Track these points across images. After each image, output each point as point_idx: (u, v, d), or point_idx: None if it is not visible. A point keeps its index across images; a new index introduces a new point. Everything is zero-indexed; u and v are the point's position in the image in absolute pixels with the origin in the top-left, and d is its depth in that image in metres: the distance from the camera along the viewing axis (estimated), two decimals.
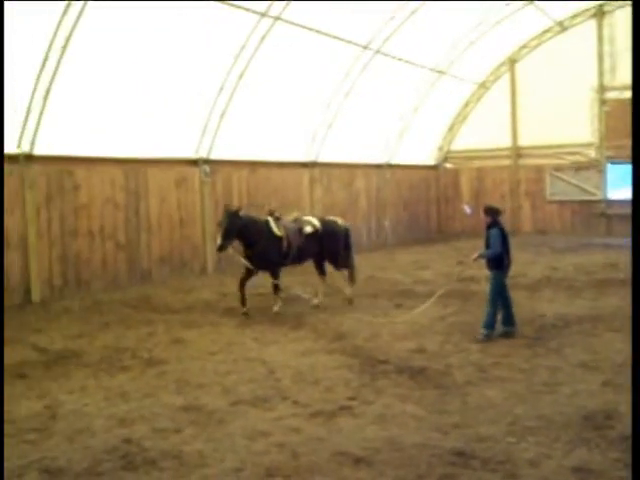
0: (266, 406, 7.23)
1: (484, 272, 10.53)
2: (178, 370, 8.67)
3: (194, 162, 17.32)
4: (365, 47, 19.95)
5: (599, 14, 24.28)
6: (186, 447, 6.10)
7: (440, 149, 27.45)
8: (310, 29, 17.70)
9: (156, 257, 16.44)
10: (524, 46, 25.52)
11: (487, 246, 9.93)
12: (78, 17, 12.73)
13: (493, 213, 10.11)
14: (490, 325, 9.88)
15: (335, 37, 18.68)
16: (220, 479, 5.47)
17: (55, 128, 13.78)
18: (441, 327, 10.79)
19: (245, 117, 17.82)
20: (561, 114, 24.33)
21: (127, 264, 15.78)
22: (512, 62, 25.94)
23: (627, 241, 20.58)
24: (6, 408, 7.26)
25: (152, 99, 15.38)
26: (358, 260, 14.51)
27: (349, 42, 19.34)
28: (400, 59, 21.53)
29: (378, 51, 20.33)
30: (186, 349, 9.85)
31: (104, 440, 6.33)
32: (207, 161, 17.50)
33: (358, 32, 19.27)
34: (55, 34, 12.80)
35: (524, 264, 16.62)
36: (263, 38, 16.55)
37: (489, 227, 9.97)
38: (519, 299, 12.70)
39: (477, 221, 19.30)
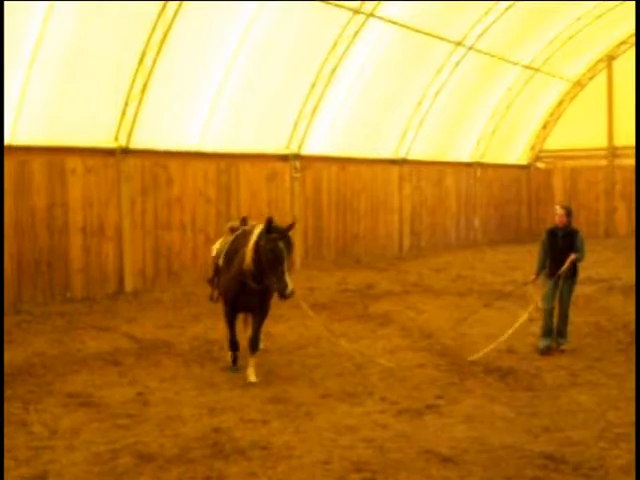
0: (354, 401, 7.26)
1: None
2: (267, 362, 8.79)
3: (285, 157, 17.49)
4: (458, 43, 19.70)
5: None
6: (274, 438, 6.18)
7: (532, 148, 26.87)
8: (402, 25, 17.62)
9: None
10: (623, 42, 24.66)
11: (568, 249, 9.21)
12: (174, 16, 13.08)
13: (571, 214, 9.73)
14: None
15: (428, 34, 18.53)
16: (308, 471, 5.52)
17: (152, 122, 14.17)
18: (531, 329, 10.57)
19: (336, 113, 17.90)
20: None
21: None
22: (610, 59, 25.12)
23: None
24: (100, 394, 7.54)
25: (245, 94, 15.62)
26: (448, 259, 14.17)
27: (442, 39, 19.14)
28: (493, 56, 21.18)
29: (471, 47, 20.05)
30: (275, 342, 9.97)
31: (194, 428, 6.47)
32: (298, 156, 17.65)
33: (451, 28, 19.05)
34: (153, 31, 13.16)
35: (619, 267, 16.11)
36: (355, 34, 16.57)
37: (567, 228, 9.44)
38: (614, 303, 12.35)
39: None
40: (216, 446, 6.03)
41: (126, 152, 14.06)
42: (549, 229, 9.67)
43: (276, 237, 7.46)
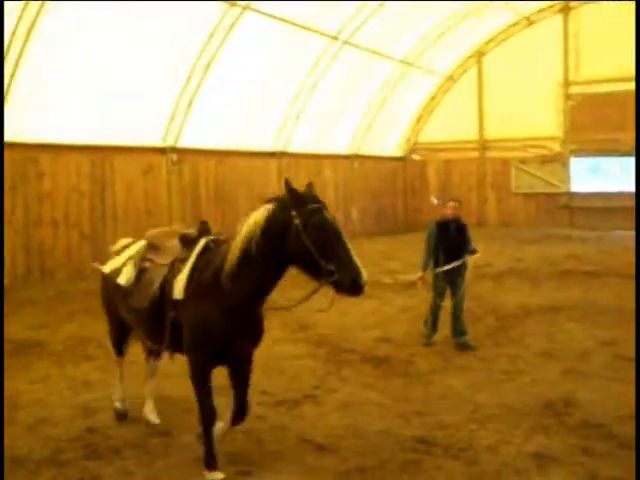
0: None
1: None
2: (144, 360, 8.63)
3: (162, 150, 17.22)
4: (334, 38, 19.95)
5: (565, 10, 24.52)
6: (150, 436, 6.11)
7: (408, 141, 27.57)
8: (278, 18, 17.66)
9: None
10: (491, 39, 25.68)
11: (461, 242, 9.17)
12: None
13: None
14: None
15: (304, 27, 18.66)
16: (184, 467, 5.49)
17: (23, 113, 13.61)
18: (406, 317, 10.88)
19: (213, 106, 17.76)
20: (527, 107, 24.59)
21: (92, 253, 15.62)
22: (479, 55, 26.11)
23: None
24: None
25: (119, 86, 15.26)
26: None
27: (318, 32, 19.34)
28: (368, 50, 21.58)
29: (347, 42, 20.35)
30: None
31: (67, 429, 6.31)
32: (175, 149, 17.41)
33: (327, 22, 19.27)
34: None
35: (490, 255, 16.80)
36: (231, 27, 16.49)
37: (458, 221, 9.25)
38: (484, 289, 12.88)
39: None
40: (90, 446, 5.90)
41: None
42: (439, 222, 9.27)
43: (319, 207, 5.01)
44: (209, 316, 5.23)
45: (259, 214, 5.07)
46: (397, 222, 26.87)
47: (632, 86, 23.18)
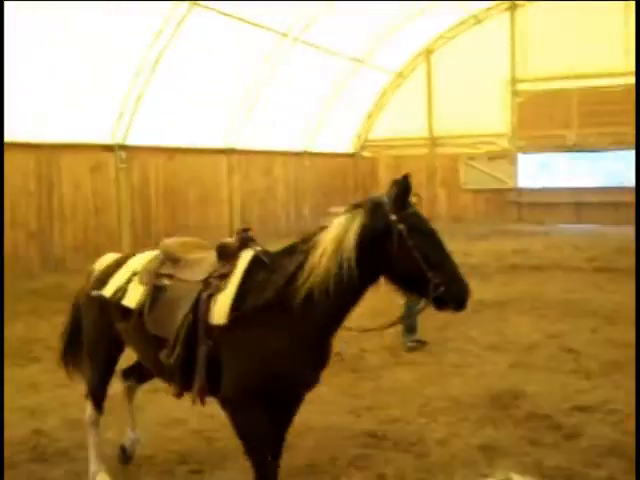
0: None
1: None
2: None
3: (109, 148, 16.99)
4: (284, 35, 19.93)
5: (512, 8, 24.92)
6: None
7: (359, 138, 27.69)
8: (228, 15, 17.58)
9: (70, 245, 16.06)
10: (440, 37, 25.95)
11: None
12: None
13: None
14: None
15: (254, 24, 18.60)
16: (132, 467, 5.44)
17: None
18: (355, 312, 10.90)
19: (163, 102, 17.56)
20: (475, 104, 24.89)
21: (39, 253, 15.38)
22: (428, 52, 26.34)
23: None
24: None
25: (65, 82, 15.01)
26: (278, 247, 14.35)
27: (268, 29, 19.28)
28: (319, 47, 21.60)
29: (297, 39, 20.35)
30: None
31: (13, 433, 6.18)
32: (123, 147, 17.20)
33: (277, 19, 19.22)
34: None
35: None
36: (180, 23, 16.34)
37: None
38: None
39: None
40: (36, 449, 5.81)
41: None
42: None
43: (417, 210, 4.41)
44: (273, 346, 4.13)
45: (350, 221, 4.18)
46: None
47: (578, 84, 23.78)
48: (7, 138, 14.41)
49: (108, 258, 5.34)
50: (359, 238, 4.09)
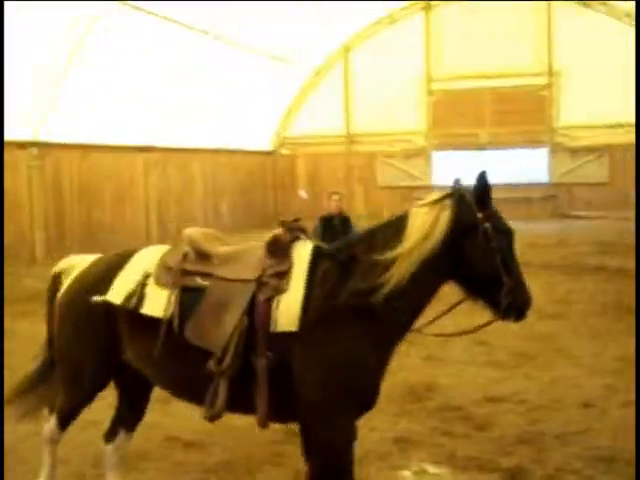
0: (100, 395, 7.09)
1: None
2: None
3: (21, 145, 16.51)
4: (205, 32, 19.79)
5: (427, 8, 25.40)
6: (17, 443, 5.90)
7: (277, 135, 27.71)
8: (145, 10, 17.39)
9: None
10: (357, 35, 26.21)
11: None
12: None
13: None
14: None
15: (173, 21, 18.43)
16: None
17: None
18: None
19: (78, 99, 17.20)
20: (391, 103, 25.28)
21: None
22: (346, 50, 26.58)
23: None
24: None
25: None
26: None
27: (187, 27, 19.12)
28: (239, 45, 21.52)
29: (217, 37, 20.25)
30: (11, 341, 9.44)
31: None
32: (35, 143, 16.73)
33: (197, 17, 19.07)
34: None
35: None
36: (95, 19, 16.03)
37: (341, 215, 9.24)
38: None
39: (315, 207, 19.80)
40: None
41: None
42: (323, 217, 9.13)
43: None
44: (360, 350, 3.76)
45: (438, 214, 3.87)
46: (267, 216, 26.91)
47: (490, 83, 24.44)
48: None
49: (71, 260, 4.68)
50: (447, 233, 3.81)
